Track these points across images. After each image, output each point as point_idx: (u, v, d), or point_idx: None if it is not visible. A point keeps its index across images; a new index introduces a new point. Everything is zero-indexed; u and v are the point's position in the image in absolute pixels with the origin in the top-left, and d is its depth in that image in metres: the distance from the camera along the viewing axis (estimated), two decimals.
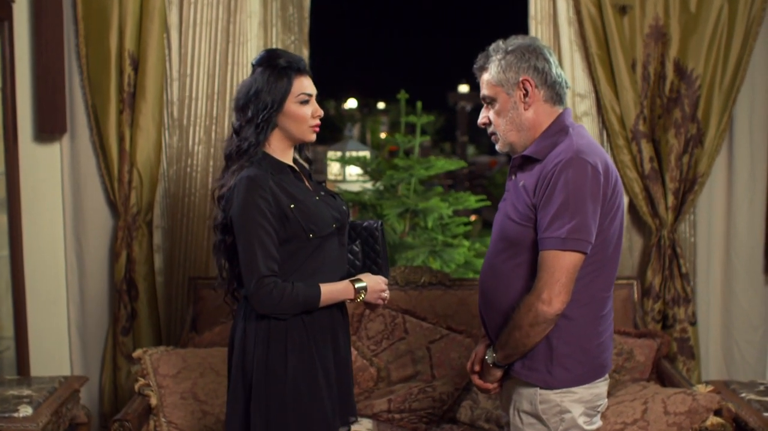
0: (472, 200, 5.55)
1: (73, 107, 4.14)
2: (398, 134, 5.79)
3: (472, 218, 8.82)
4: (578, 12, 4.05)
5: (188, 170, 4.15)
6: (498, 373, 2.52)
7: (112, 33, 4.02)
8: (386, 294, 2.64)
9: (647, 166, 4.07)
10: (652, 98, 4.08)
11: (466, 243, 5.50)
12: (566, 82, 2.51)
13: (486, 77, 2.51)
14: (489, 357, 2.48)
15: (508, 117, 2.48)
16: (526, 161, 2.47)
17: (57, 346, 4.26)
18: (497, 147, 2.57)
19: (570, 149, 2.35)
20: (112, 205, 4.22)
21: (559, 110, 2.49)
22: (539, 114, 2.47)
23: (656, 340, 3.73)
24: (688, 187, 4.11)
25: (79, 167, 4.19)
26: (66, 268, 4.25)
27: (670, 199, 4.09)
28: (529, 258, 2.41)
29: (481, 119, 2.57)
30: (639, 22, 4.04)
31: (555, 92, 2.47)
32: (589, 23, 4.03)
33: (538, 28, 4.10)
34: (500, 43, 2.51)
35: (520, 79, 2.44)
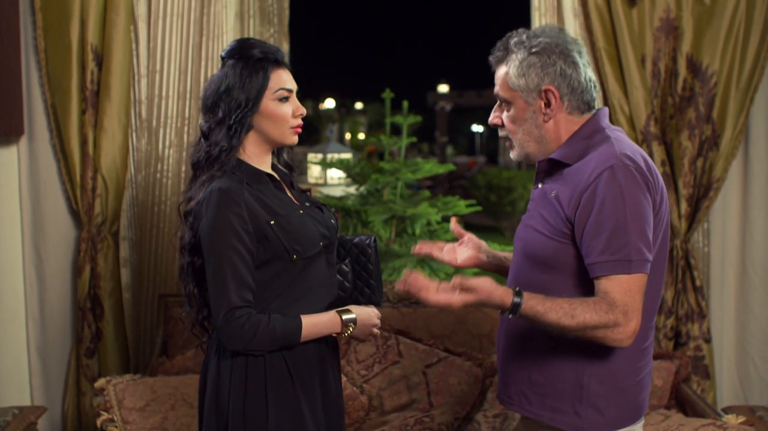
0: (462, 206, 5.36)
1: (31, 107, 3.93)
2: (383, 135, 5.54)
3: (453, 220, 8.63)
4: (584, 3, 3.82)
5: (158, 175, 3.92)
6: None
7: (73, 25, 3.81)
8: (377, 330, 2.34)
9: (659, 170, 3.76)
10: (663, 97, 3.86)
11: None
12: (596, 85, 2.19)
13: (502, 75, 2.19)
14: (509, 313, 2.04)
15: (525, 127, 2.18)
16: (555, 166, 2.16)
17: (15, 369, 4.03)
18: (512, 155, 2.26)
19: (612, 155, 2.05)
20: (74, 214, 3.99)
21: (588, 116, 2.19)
22: (561, 125, 2.17)
23: (674, 362, 3.48)
24: (703, 193, 3.87)
25: (39, 173, 3.97)
26: (25, 283, 4.03)
27: (684, 206, 3.85)
28: (562, 277, 2.11)
29: (493, 118, 2.26)
30: (648, 15, 3.82)
31: (582, 101, 2.16)
32: (595, 15, 3.80)
33: (541, 20, 3.87)
34: (523, 36, 2.17)
35: (543, 88, 2.13)
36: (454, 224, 2.50)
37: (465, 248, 2.48)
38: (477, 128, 32.99)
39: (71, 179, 3.89)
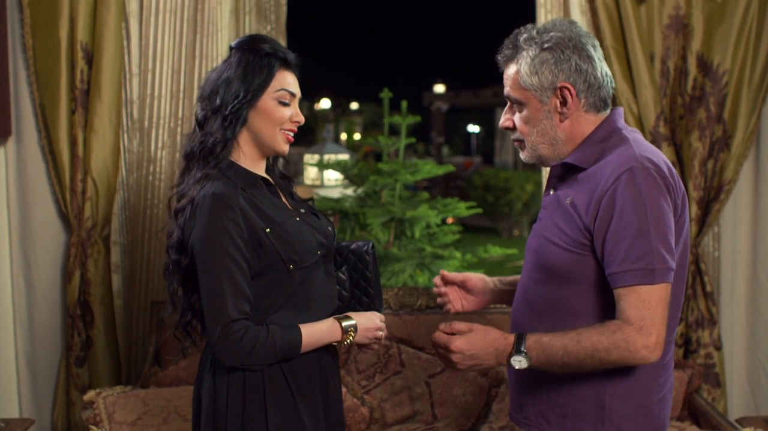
0: (462, 207, 5.27)
1: (18, 107, 3.83)
2: (381, 135, 5.43)
3: (449, 221, 8.54)
4: (592, 0, 3.72)
5: (150, 178, 3.82)
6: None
7: (62, 22, 3.70)
8: (383, 333, 2.23)
9: None
10: (672, 96, 3.77)
11: (458, 254, 5.14)
12: (612, 81, 2.06)
13: (512, 74, 2.06)
14: (516, 362, 1.95)
15: (539, 128, 2.06)
16: (569, 171, 2.04)
17: (3, 378, 3.92)
18: (523, 157, 2.14)
19: (632, 157, 1.93)
20: (64, 218, 3.88)
21: (605, 114, 2.07)
22: (578, 125, 2.05)
23: (686, 371, 3.38)
24: (713, 196, 3.78)
25: (26, 175, 3.87)
26: (12, 290, 3.93)
27: (694, 209, 3.75)
28: (581, 291, 1.99)
29: (504, 121, 2.14)
30: (658, 12, 3.73)
31: (599, 98, 2.05)
32: (603, 12, 3.71)
33: (546, 16, 3.77)
34: (533, 32, 2.05)
35: (558, 85, 2.01)
36: (443, 276, 2.37)
37: (469, 296, 2.38)
38: (473, 128, 32.92)
39: (60, 181, 3.78)
